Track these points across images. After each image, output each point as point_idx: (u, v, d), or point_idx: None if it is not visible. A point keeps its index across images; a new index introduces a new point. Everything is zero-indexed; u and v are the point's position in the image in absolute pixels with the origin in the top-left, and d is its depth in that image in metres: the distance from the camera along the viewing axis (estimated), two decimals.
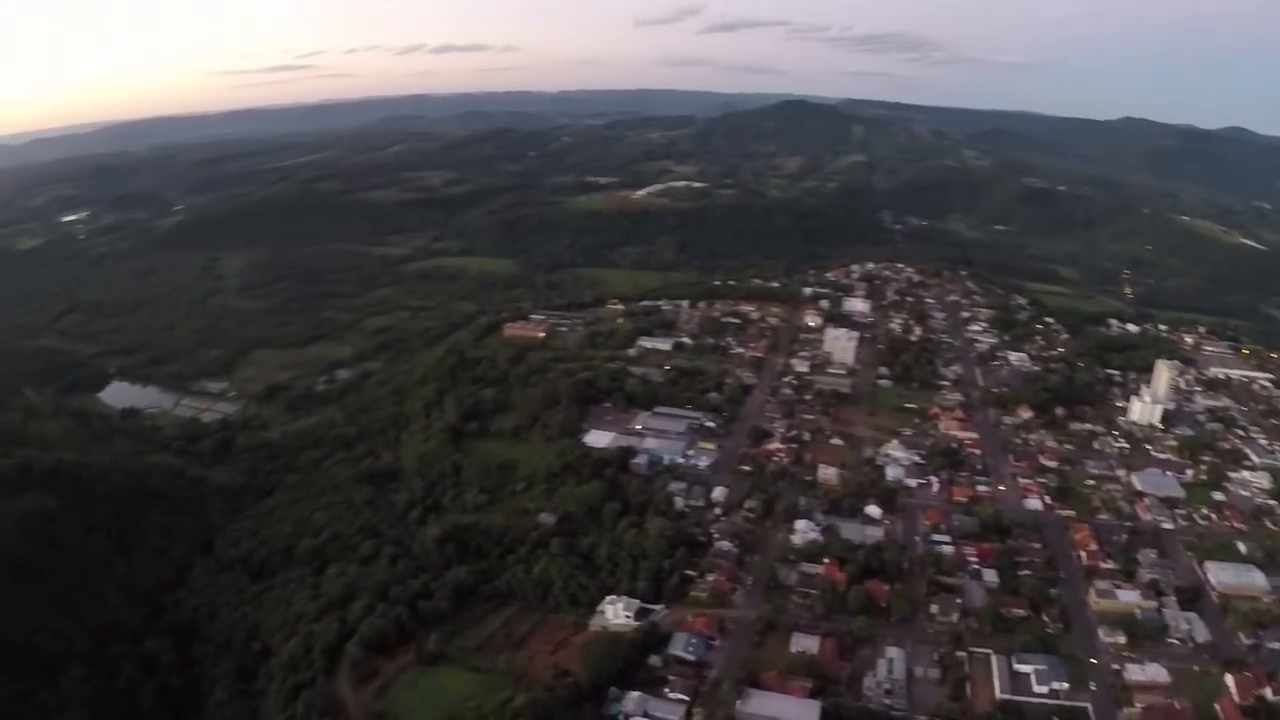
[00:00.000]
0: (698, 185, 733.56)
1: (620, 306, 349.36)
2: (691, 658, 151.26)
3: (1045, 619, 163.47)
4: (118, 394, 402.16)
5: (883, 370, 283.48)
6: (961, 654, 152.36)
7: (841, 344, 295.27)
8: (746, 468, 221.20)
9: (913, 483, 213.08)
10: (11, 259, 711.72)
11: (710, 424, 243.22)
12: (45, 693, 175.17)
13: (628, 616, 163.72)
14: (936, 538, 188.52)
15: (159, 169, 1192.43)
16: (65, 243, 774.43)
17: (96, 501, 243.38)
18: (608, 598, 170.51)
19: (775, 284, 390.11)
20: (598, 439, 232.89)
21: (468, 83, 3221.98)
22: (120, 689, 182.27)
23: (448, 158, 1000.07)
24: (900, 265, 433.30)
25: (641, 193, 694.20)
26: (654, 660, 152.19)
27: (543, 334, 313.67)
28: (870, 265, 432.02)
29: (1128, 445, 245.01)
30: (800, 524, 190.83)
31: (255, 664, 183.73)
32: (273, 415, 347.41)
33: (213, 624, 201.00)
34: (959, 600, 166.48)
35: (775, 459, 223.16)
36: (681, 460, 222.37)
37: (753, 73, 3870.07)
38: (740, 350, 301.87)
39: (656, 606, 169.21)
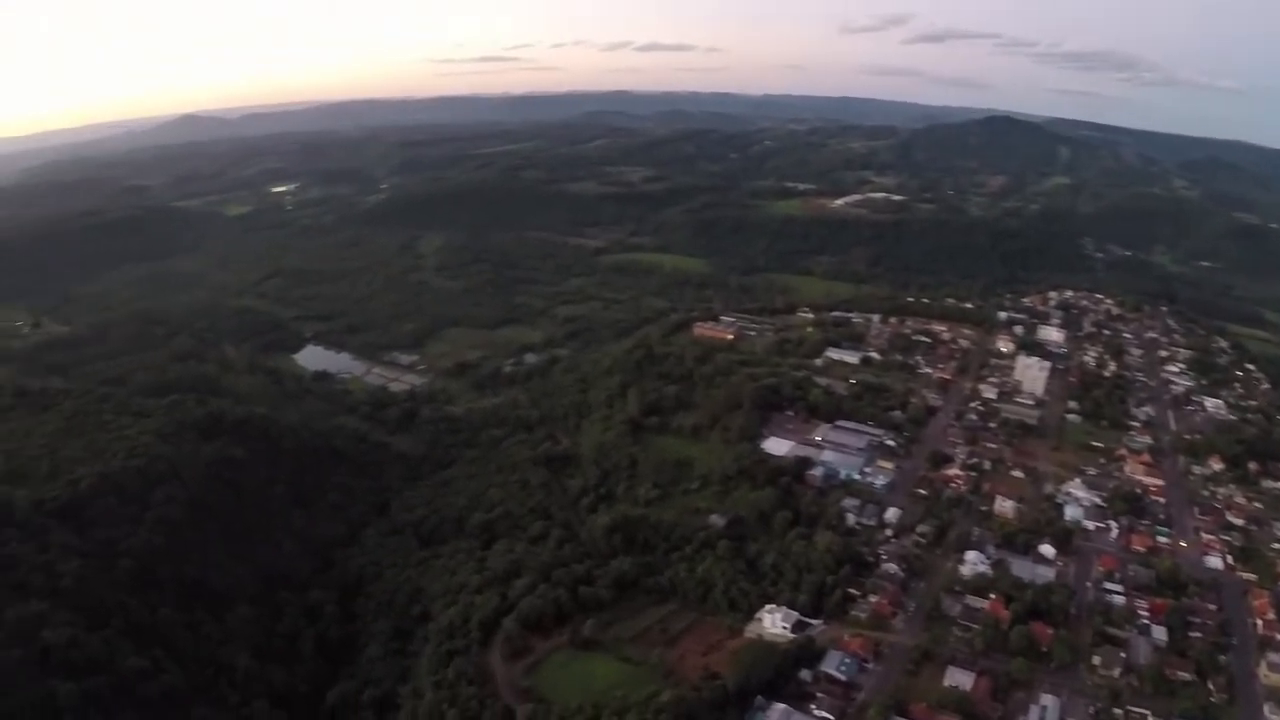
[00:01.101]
0: (897, 198, 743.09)
1: (810, 315, 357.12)
2: (843, 677, 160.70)
3: (1211, 687, 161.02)
4: (312, 357, 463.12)
5: (1072, 404, 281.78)
6: (1118, 711, 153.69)
7: (1032, 373, 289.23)
8: (923, 491, 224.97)
9: (1091, 525, 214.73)
10: (222, 223, 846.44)
11: (890, 442, 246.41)
12: (212, 626, 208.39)
13: (784, 627, 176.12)
14: (1109, 586, 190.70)
15: (365, 148, 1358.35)
16: (273, 212, 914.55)
17: (282, 455, 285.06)
18: (767, 606, 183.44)
19: (969, 305, 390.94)
20: (776, 446, 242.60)
21: (671, 81, 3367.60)
22: (282, 632, 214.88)
23: (648, 155, 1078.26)
24: (1099, 296, 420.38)
25: (840, 201, 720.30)
26: (805, 675, 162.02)
27: (731, 336, 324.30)
28: (1068, 293, 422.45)
29: None
30: (971, 555, 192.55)
31: (413, 626, 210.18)
32: (459, 391, 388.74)
33: (378, 583, 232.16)
34: (1123, 654, 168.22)
35: (953, 485, 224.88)
36: (858, 476, 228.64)
37: (957, 86, 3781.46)
38: (928, 370, 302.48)
39: (814, 621, 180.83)
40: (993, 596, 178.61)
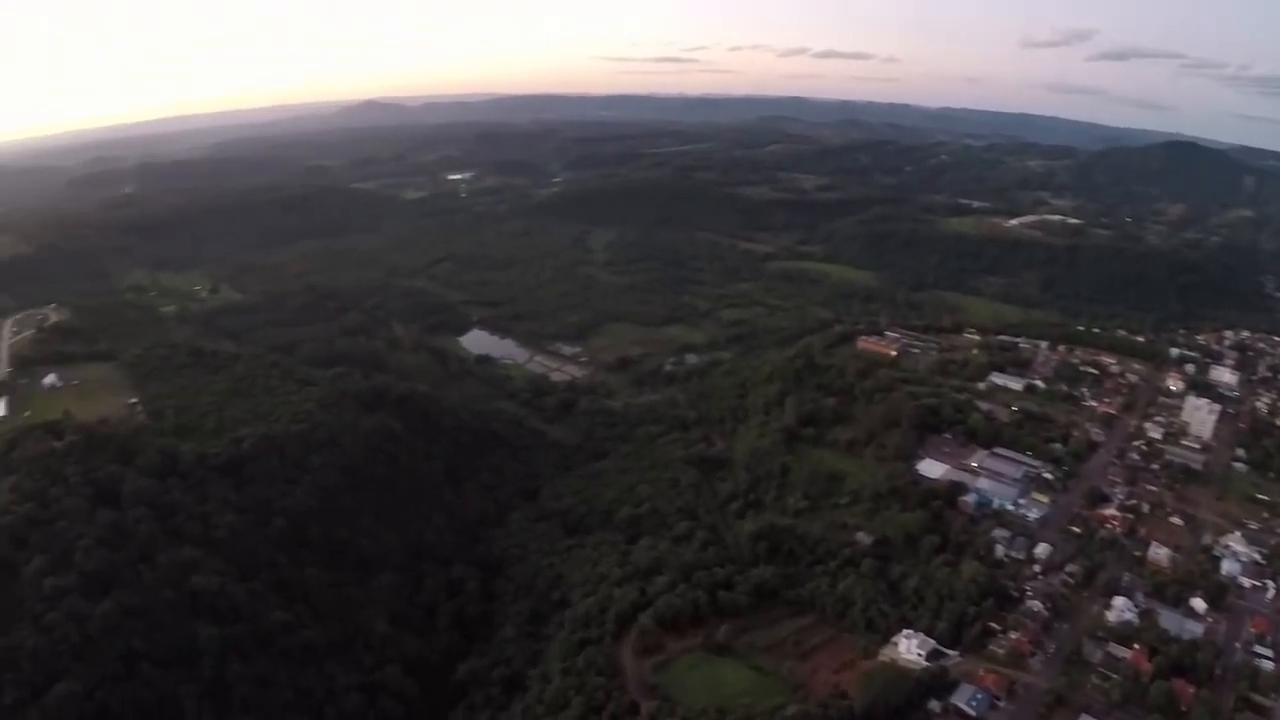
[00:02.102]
0: (1072, 221, 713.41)
1: (976, 337, 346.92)
2: (972, 713, 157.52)
3: None
4: (476, 341, 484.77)
5: (1240, 452, 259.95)
6: None
7: (1201, 415, 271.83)
8: (1076, 529, 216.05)
9: (1247, 583, 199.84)
10: (398, 206, 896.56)
11: (1048, 475, 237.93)
12: (355, 589, 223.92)
13: (919, 654, 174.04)
14: (1259, 649, 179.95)
15: (541, 142, 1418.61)
16: (447, 198, 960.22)
17: (440, 433, 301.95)
18: (904, 631, 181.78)
19: (1140, 338, 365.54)
20: (931, 469, 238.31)
21: (847, 90, 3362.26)
22: (422, 603, 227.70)
23: (821, 163, 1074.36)
24: (1277, 339, 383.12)
25: (1014, 222, 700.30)
26: (933, 705, 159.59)
27: (894, 352, 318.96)
28: (1245, 334, 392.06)
29: None
30: (1118, 601, 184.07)
31: (550, 611, 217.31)
32: (618, 386, 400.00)
33: (520, 566, 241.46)
34: None
35: (1108, 526, 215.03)
36: (1011, 507, 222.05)
37: (1140, 107, 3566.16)
38: (1092, 403, 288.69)
39: (950, 652, 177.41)
40: (1136, 647, 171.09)
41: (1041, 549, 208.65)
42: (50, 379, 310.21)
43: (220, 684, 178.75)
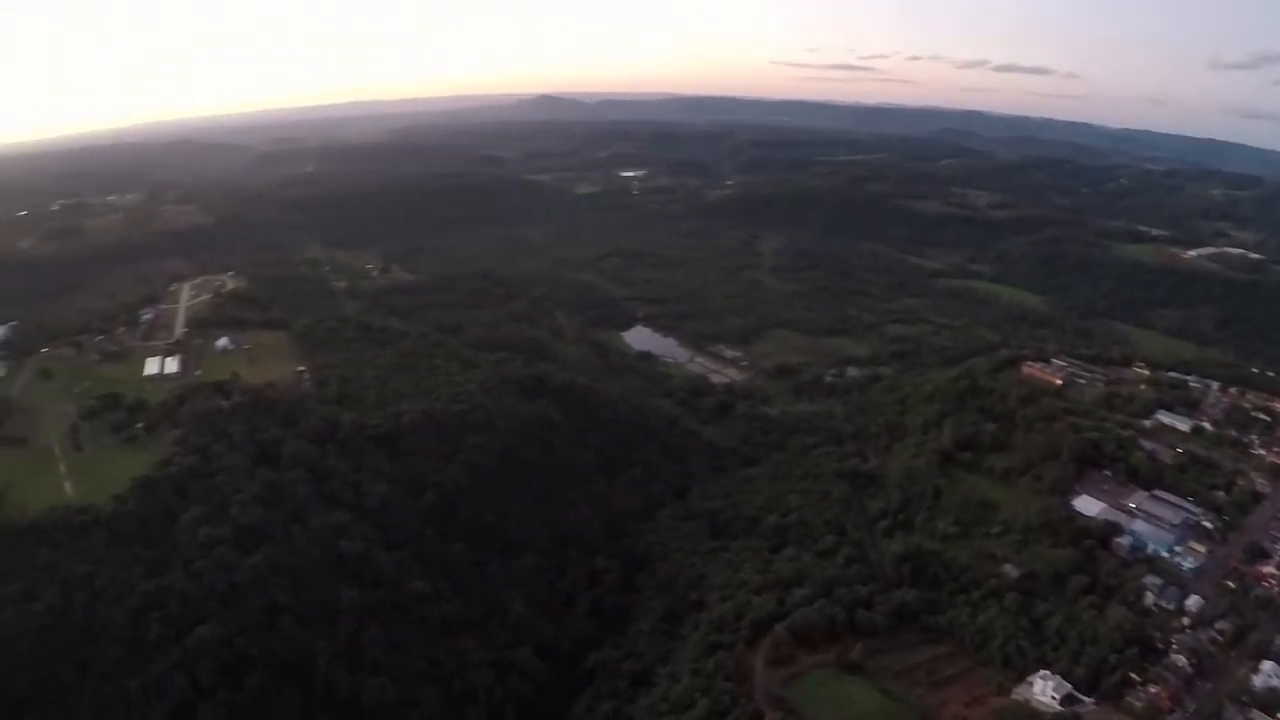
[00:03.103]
0: (1255, 256, 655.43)
1: (1145, 371, 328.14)
2: None
3: None
4: (639, 337, 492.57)
5: None
6: None
7: None
8: (1231, 584, 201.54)
9: None
10: (569, 200, 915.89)
11: (1207, 524, 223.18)
12: (497, 569, 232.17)
13: (1054, 698, 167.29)
14: None
15: (714, 143, 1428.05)
16: (619, 194, 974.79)
17: (596, 424, 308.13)
18: (1041, 672, 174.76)
19: None
20: (1086, 505, 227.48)
21: (1025, 105, 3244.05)
22: (561, 589, 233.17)
23: (996, 180, 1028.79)
24: None
25: (1193, 253, 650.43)
26: None
27: (1059, 381, 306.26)
28: None
29: None
30: (1268, 665, 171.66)
31: (686, 611, 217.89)
32: (777, 393, 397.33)
33: (662, 563, 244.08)
34: None
35: (1265, 584, 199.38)
36: (1166, 554, 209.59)
37: None
38: (1261, 451, 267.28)
39: (1086, 699, 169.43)
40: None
41: (1193, 601, 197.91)
42: (223, 342, 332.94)
43: (355, 645, 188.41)
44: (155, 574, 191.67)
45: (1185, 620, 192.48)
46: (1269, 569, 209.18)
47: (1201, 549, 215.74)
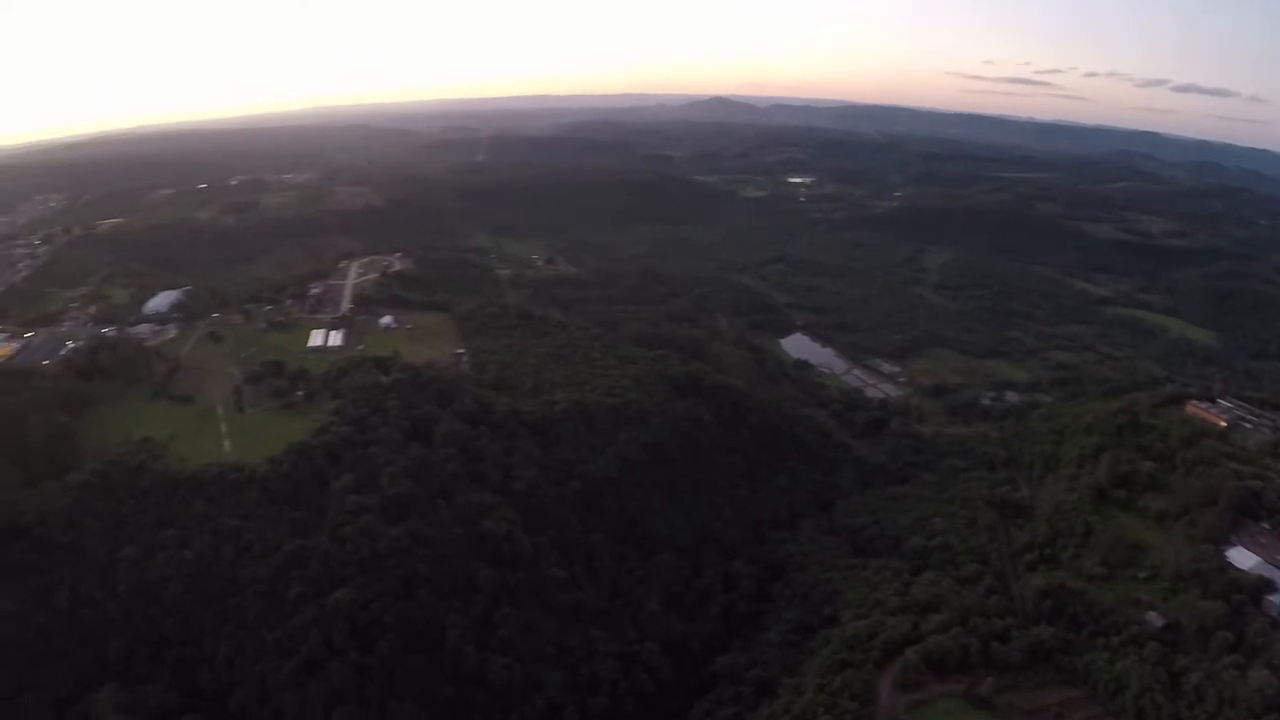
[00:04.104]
0: None
1: None
2: None
3: None
4: (796, 345, 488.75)
5: None
6: None
7: None
8: None
9: None
10: (736, 203, 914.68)
11: None
12: (635, 562, 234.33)
13: None
14: None
15: (884, 154, 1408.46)
16: (786, 200, 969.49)
17: (745, 428, 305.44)
18: None
19: None
20: (1241, 558, 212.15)
21: (1206, 129, 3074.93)
22: (696, 589, 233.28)
23: (1171, 205, 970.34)
24: None
25: None
26: None
27: (1224, 423, 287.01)
28: None
29: None
30: None
31: (818, 625, 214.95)
32: (931, 412, 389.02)
33: (800, 574, 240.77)
34: None
35: None
36: None
37: None
38: None
39: None
40: None
41: None
42: (386, 320, 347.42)
43: (487, 623, 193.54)
44: (301, 535, 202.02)
45: None
46: None
47: None
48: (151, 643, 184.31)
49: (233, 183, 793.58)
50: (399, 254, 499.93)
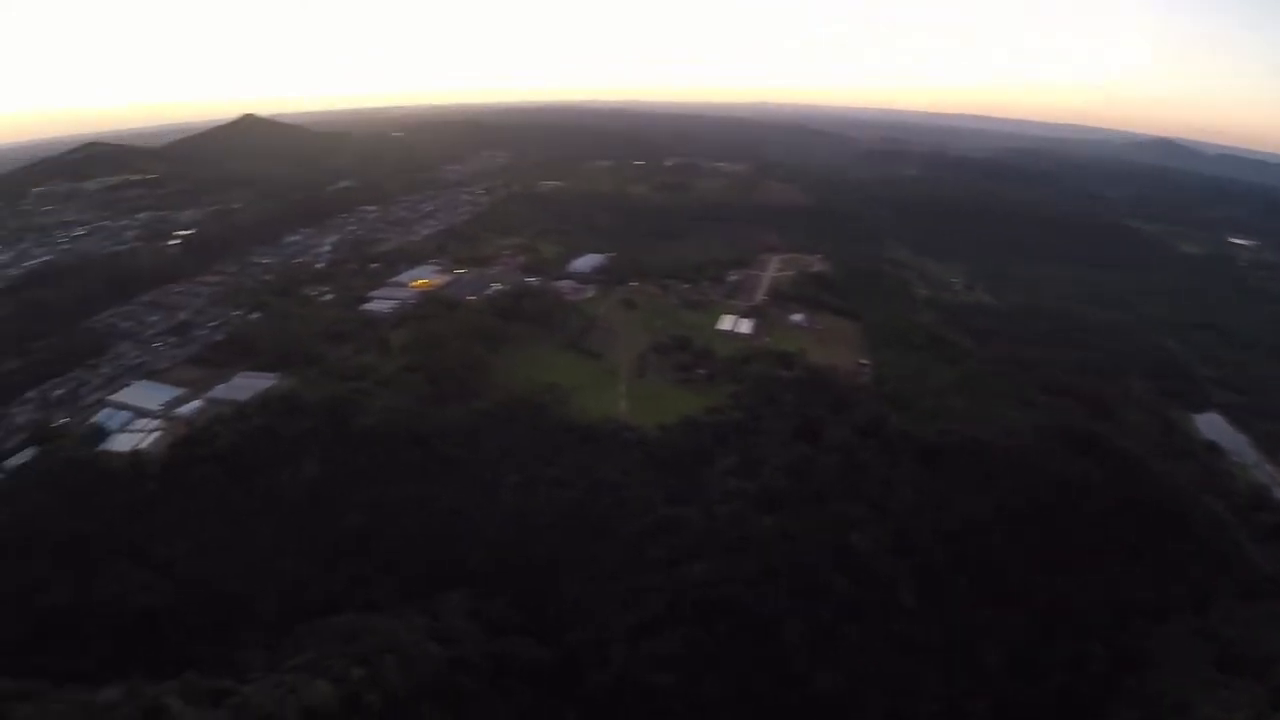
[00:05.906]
0: None
1: None
2: None
3: None
4: (1209, 424, 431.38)
5: None
6: None
7: None
8: None
9: None
10: (1170, 257, 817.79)
11: None
12: (987, 612, 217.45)
13: None
14: None
15: None
16: (1223, 261, 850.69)
17: (1135, 502, 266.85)
18: None
19: None
20: None
21: None
22: (1043, 658, 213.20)
23: None
24: None
25: None
26: None
27: None
28: None
29: None
30: None
31: None
32: None
33: (1151, 672, 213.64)
34: None
35: None
36: None
37: None
38: None
39: None
40: None
41: None
42: (797, 317, 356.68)
43: (823, 631, 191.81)
44: (674, 503, 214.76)
45: None
46: None
47: None
48: (513, 566, 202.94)
49: (668, 164, 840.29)
50: (819, 255, 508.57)
